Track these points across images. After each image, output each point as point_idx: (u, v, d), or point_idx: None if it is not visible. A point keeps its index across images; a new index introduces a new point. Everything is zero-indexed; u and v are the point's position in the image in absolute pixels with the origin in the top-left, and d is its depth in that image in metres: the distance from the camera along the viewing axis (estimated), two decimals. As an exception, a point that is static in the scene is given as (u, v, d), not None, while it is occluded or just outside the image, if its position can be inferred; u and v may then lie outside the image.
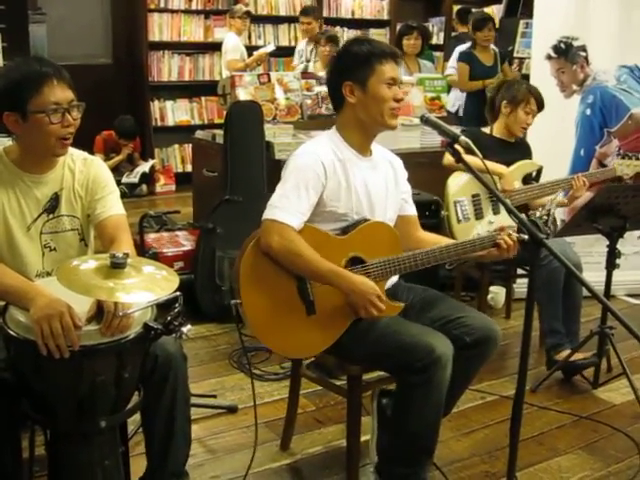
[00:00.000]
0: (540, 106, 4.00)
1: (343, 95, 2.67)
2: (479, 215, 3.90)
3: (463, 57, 6.87)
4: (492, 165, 3.67)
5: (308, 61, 7.33)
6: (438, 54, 9.35)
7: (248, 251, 2.57)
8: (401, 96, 2.67)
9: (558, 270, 3.63)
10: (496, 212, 3.91)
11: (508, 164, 3.95)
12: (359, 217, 2.69)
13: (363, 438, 2.85)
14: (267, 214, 2.57)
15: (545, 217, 2.63)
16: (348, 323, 2.63)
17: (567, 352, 3.75)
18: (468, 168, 2.35)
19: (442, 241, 2.86)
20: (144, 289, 2.06)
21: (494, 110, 4.13)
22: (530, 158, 4.13)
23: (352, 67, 2.66)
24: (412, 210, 2.91)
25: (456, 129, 2.71)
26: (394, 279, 2.82)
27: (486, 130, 4.14)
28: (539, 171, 4.07)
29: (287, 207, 2.55)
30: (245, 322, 2.59)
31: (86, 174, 2.53)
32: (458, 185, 3.89)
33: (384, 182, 2.78)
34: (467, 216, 3.87)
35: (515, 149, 4.10)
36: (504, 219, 3.65)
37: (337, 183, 2.64)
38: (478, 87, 6.73)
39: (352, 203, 2.67)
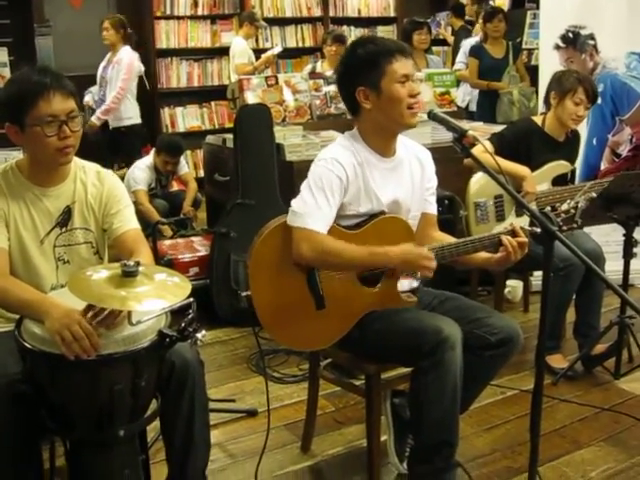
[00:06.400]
0: (591, 97, 3.76)
1: (358, 101, 2.60)
2: (500, 217, 3.80)
3: (472, 52, 6.86)
4: (513, 166, 3.62)
5: None
6: (446, 48, 9.33)
7: (258, 245, 2.57)
8: (417, 91, 2.58)
9: (570, 286, 3.59)
10: (519, 214, 3.78)
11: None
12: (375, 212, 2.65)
13: (383, 437, 2.85)
14: (295, 221, 2.52)
15: (573, 210, 2.59)
16: (357, 318, 2.63)
17: (557, 356, 3.77)
18: (478, 163, 2.33)
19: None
20: (156, 297, 2.06)
21: (547, 102, 3.94)
22: (572, 158, 3.96)
23: (361, 72, 2.57)
24: (432, 209, 2.85)
25: (465, 124, 2.68)
26: (414, 283, 2.78)
27: (538, 120, 3.94)
28: (573, 172, 3.93)
29: (315, 214, 2.51)
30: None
31: (99, 188, 2.54)
32: (480, 186, 3.79)
33: (410, 180, 2.72)
34: (486, 218, 3.79)
35: (560, 149, 3.88)
36: (525, 221, 3.60)
37: (357, 188, 2.60)
38: (482, 87, 6.72)
39: (372, 205, 2.63)
